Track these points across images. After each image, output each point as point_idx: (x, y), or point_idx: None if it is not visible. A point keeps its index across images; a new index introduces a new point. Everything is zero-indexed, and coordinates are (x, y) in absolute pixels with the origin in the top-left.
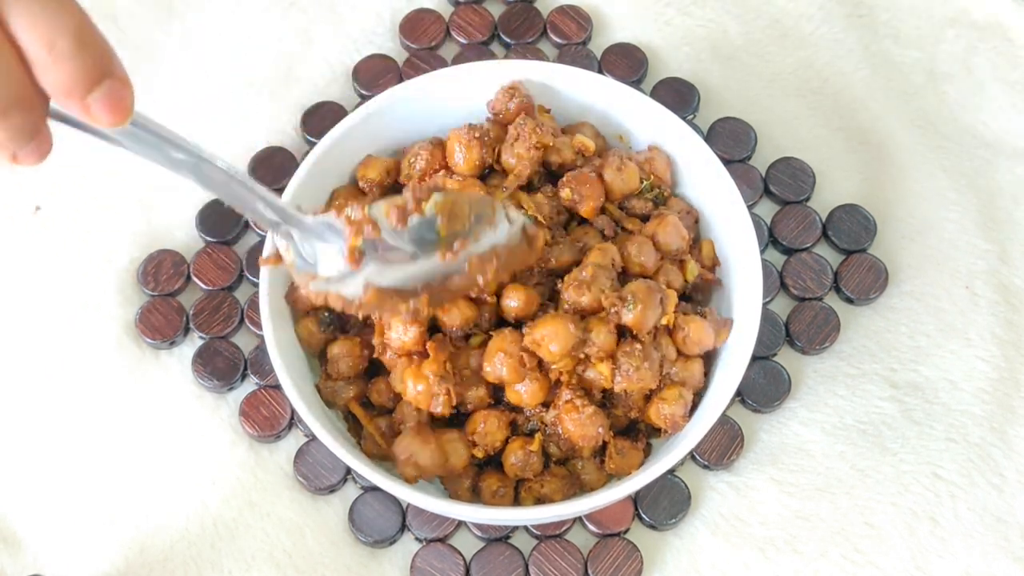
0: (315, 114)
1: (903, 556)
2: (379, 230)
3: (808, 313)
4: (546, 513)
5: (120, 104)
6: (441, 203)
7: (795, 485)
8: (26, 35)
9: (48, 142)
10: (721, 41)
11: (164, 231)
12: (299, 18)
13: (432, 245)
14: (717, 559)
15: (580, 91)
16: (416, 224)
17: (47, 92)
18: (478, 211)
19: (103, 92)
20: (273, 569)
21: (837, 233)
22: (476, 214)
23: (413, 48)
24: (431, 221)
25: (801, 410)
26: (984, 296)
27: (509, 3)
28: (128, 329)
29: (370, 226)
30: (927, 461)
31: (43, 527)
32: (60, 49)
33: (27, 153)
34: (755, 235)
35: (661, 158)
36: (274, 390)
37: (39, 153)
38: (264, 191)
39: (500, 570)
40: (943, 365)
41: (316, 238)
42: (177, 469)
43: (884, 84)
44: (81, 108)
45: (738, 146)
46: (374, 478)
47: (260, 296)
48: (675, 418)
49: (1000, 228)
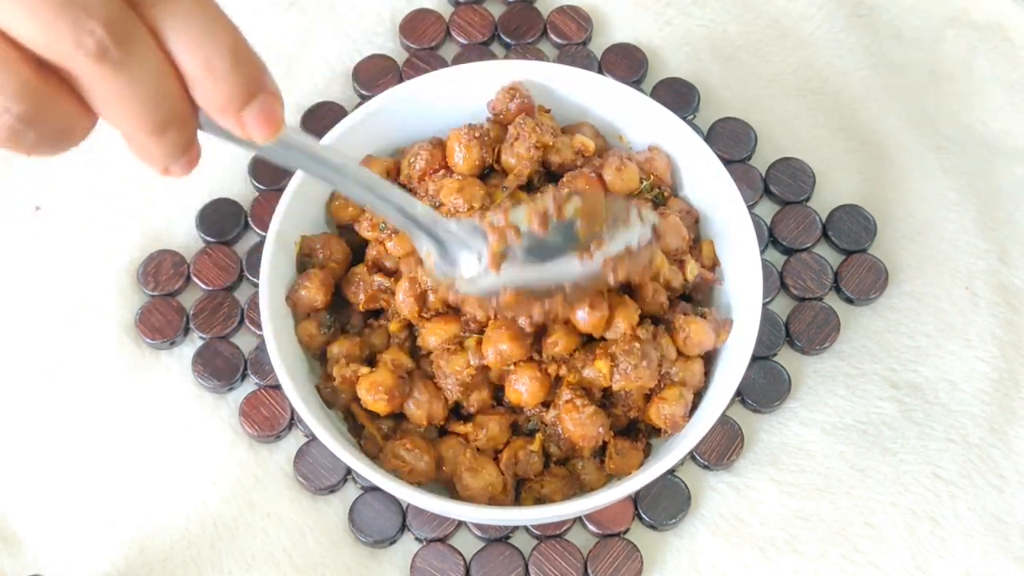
0: (315, 114)
1: (903, 556)
2: (520, 235)
3: (808, 313)
4: (546, 513)
5: (272, 118)
6: (581, 207)
7: (795, 485)
8: (183, 54)
9: (198, 155)
10: (721, 41)
11: (164, 231)
12: (299, 18)
13: (569, 247)
14: (717, 559)
15: (580, 91)
16: (555, 226)
17: (201, 107)
18: (614, 213)
19: (256, 108)
20: (273, 569)
21: (837, 233)
22: (612, 216)
23: (413, 48)
24: (570, 224)
25: (801, 410)
26: (984, 296)
27: (509, 3)
28: (128, 329)
29: (512, 232)
30: (927, 461)
31: (43, 527)
32: (217, 68)
33: (179, 167)
34: (755, 235)
35: (661, 158)
36: (274, 390)
37: (190, 166)
38: (406, 197)
39: (500, 570)
40: (943, 365)
41: (460, 244)
42: (177, 469)
43: (884, 84)
44: (236, 123)
45: (738, 146)
46: (374, 478)
47: (260, 297)
48: (675, 418)
49: (1000, 228)
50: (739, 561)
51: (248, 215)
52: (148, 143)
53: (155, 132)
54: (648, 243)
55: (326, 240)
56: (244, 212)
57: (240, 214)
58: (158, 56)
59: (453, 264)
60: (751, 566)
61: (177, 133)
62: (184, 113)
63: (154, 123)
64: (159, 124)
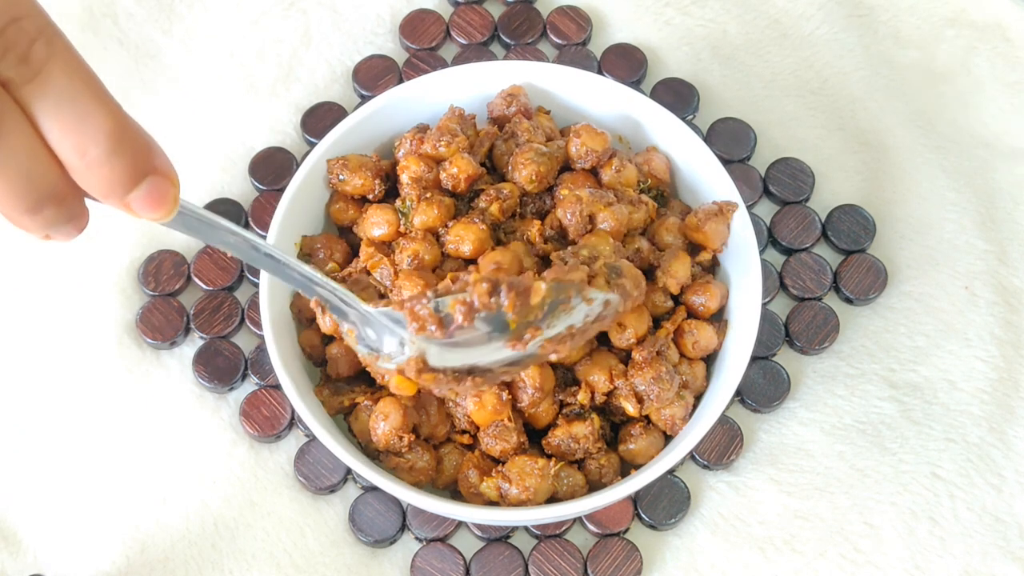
0: (315, 114)
1: (902, 556)
2: (443, 329)
3: (807, 313)
4: (546, 513)
5: (162, 200)
6: (510, 302)
7: (794, 485)
8: (55, 140)
9: (85, 219)
10: (721, 41)
11: (164, 231)
12: (299, 18)
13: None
14: (717, 559)
15: (580, 92)
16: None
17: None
18: (552, 299)
19: (143, 192)
20: (273, 569)
21: (836, 233)
22: (550, 302)
23: (413, 48)
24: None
25: (800, 410)
26: (983, 296)
27: (509, 3)
28: (128, 329)
29: (435, 325)
30: (926, 461)
31: (43, 527)
32: (93, 157)
33: (62, 235)
34: (754, 235)
35: (660, 159)
36: (274, 390)
37: (75, 232)
38: (321, 277)
39: (500, 570)
40: (942, 365)
41: (382, 327)
42: (178, 469)
43: (884, 84)
44: (122, 207)
45: (738, 146)
46: (374, 478)
47: (261, 297)
48: (675, 420)
49: (999, 228)
50: (738, 561)
51: (248, 215)
52: (23, 221)
53: (28, 212)
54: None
55: (327, 240)
56: (244, 212)
57: (240, 214)
58: (30, 139)
59: (378, 343)
60: (750, 566)
61: (55, 211)
62: (63, 191)
63: (27, 204)
64: (33, 205)
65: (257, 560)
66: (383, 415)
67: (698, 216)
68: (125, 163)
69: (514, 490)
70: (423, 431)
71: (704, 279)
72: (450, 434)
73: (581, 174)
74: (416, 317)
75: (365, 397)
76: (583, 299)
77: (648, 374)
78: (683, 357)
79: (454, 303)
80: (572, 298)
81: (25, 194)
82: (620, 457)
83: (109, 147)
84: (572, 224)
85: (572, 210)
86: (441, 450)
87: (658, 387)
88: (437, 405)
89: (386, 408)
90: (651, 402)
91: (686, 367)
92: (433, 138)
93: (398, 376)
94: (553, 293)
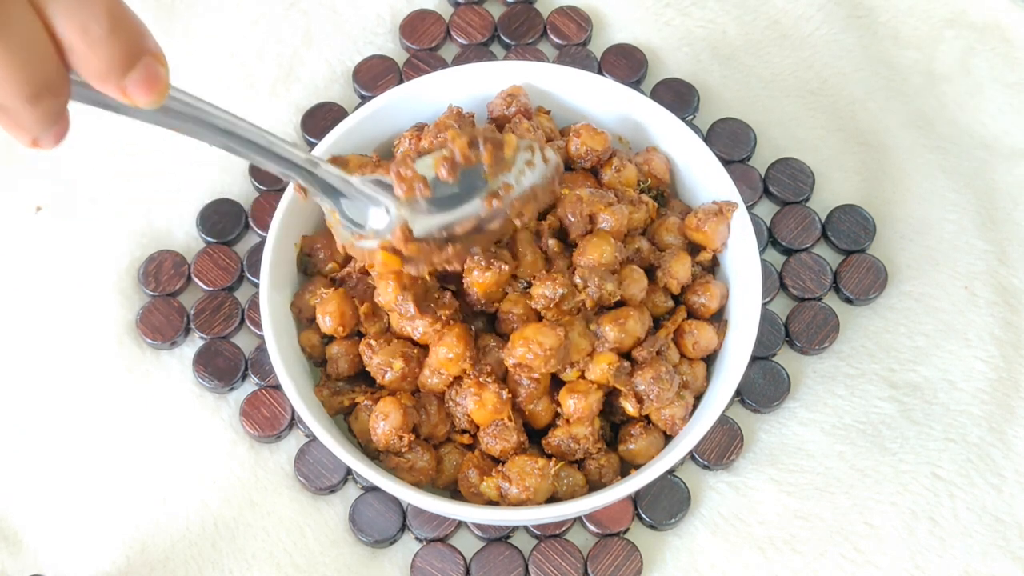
0: (315, 114)
1: (902, 556)
2: (429, 188)
3: (807, 313)
4: (546, 513)
5: (156, 81)
6: (489, 152)
7: (794, 485)
8: (59, 20)
9: (67, 127)
10: (720, 42)
11: (164, 231)
12: (299, 18)
13: (476, 193)
14: (717, 559)
15: (580, 92)
16: (463, 173)
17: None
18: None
19: (139, 73)
20: (273, 569)
21: (836, 233)
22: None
23: (413, 49)
24: (477, 170)
25: (800, 410)
26: (983, 296)
27: (509, 4)
28: (129, 329)
29: (420, 183)
30: (926, 461)
31: (44, 527)
32: (93, 34)
33: (48, 138)
34: (754, 235)
35: (660, 159)
36: (275, 390)
37: (58, 137)
38: (309, 158)
39: (500, 570)
40: (942, 365)
41: (366, 200)
42: (178, 469)
43: (883, 85)
44: (118, 91)
45: (737, 147)
46: (374, 478)
47: (261, 297)
48: (675, 420)
49: (999, 229)
50: (738, 561)
51: (248, 215)
52: (22, 111)
53: (30, 100)
54: (550, 181)
55: (327, 240)
56: (244, 212)
57: (240, 214)
58: (34, 22)
59: (361, 219)
60: (750, 566)
61: (51, 101)
62: (59, 81)
63: (30, 90)
64: (35, 91)
65: (257, 560)
66: (383, 415)
67: (698, 216)
68: (123, 42)
69: (514, 490)
70: (423, 431)
71: (704, 279)
72: (450, 434)
73: (581, 174)
74: (403, 178)
75: (365, 397)
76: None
77: (648, 374)
78: (683, 357)
79: (437, 161)
80: (535, 155)
81: (29, 79)
82: (620, 457)
83: (110, 25)
84: (572, 224)
85: (572, 210)
86: (441, 450)
87: (658, 387)
88: (437, 405)
89: (386, 408)
90: (651, 402)
91: (686, 367)
92: (430, 134)
93: (383, 252)
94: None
